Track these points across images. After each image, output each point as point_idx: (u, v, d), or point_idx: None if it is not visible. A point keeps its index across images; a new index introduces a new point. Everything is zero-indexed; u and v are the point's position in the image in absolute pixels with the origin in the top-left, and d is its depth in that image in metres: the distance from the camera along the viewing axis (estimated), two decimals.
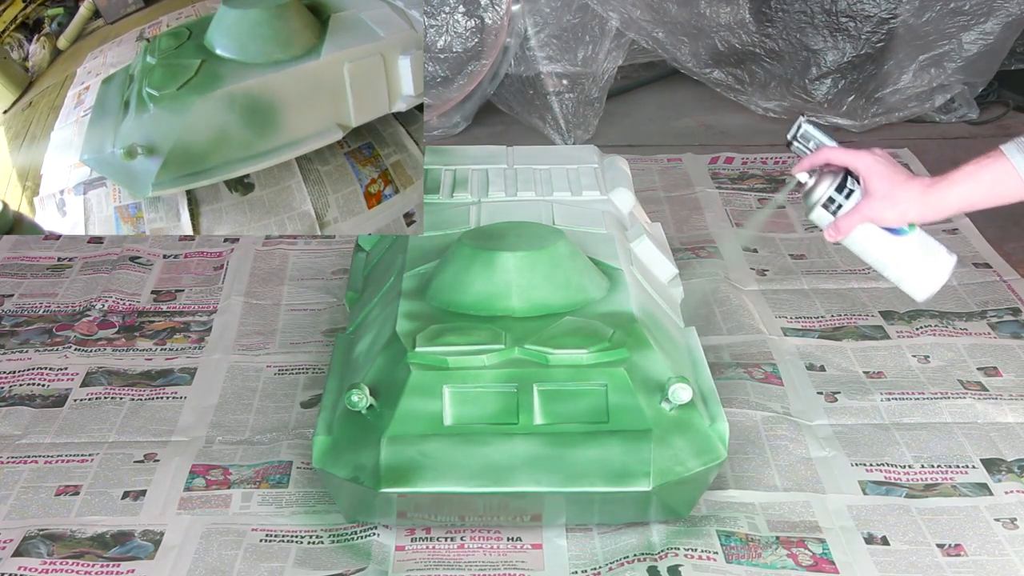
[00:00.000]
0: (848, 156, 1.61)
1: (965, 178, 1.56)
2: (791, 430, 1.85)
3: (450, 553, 1.61)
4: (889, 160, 1.60)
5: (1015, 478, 1.75)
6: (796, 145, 1.67)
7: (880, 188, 1.58)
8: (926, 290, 1.66)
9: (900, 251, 1.64)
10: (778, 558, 1.58)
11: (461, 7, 3.06)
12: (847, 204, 1.62)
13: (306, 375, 2.03)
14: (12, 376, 2.02)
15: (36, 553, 1.60)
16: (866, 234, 1.62)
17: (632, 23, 3.08)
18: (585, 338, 1.59)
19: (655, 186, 2.80)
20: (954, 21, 3.10)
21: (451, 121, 3.16)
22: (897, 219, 1.60)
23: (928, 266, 1.65)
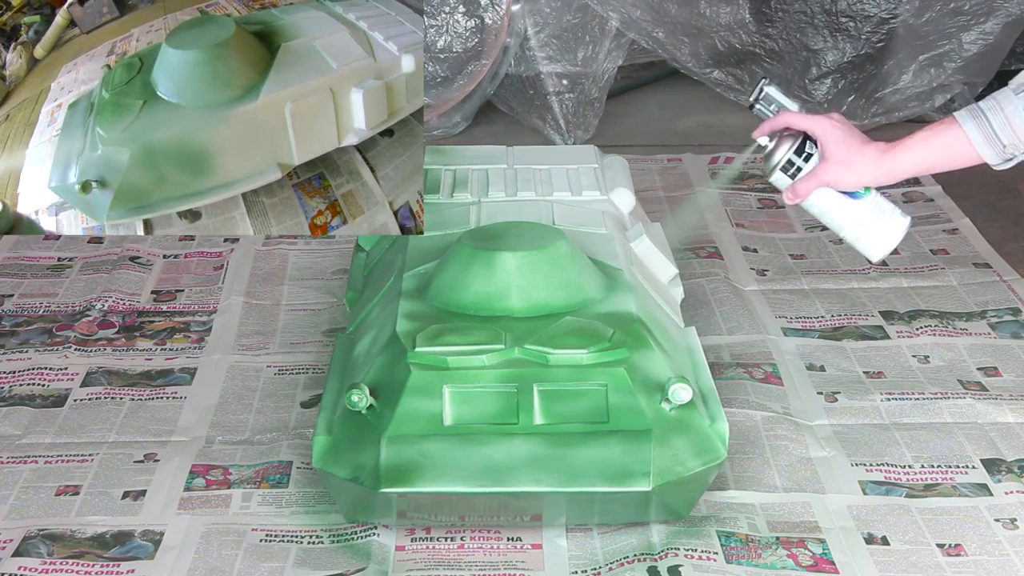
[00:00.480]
0: (806, 120, 1.65)
1: (919, 144, 1.60)
2: (791, 430, 1.85)
3: (450, 553, 1.61)
4: (846, 125, 1.64)
5: (1015, 478, 1.75)
6: (758, 108, 1.71)
7: (837, 152, 1.62)
8: (881, 250, 1.70)
9: (856, 213, 1.67)
10: (778, 558, 1.58)
11: (461, 7, 3.07)
12: (806, 167, 1.65)
13: (306, 375, 2.03)
14: (12, 376, 2.02)
15: (36, 553, 1.61)
16: (824, 197, 1.67)
17: (632, 23, 3.08)
18: (585, 338, 1.59)
19: (655, 186, 2.80)
20: (954, 21, 3.10)
21: (451, 121, 3.16)
22: (853, 183, 1.64)
23: (883, 228, 1.68)
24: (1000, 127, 1.55)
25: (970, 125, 1.57)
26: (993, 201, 2.65)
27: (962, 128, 1.57)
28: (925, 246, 2.46)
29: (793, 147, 1.66)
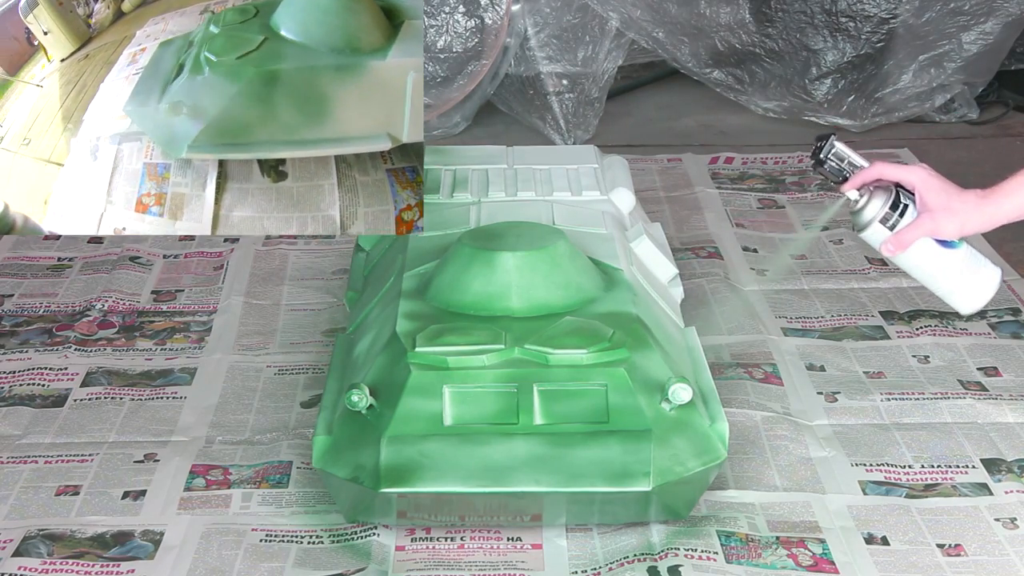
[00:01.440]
0: (901, 172, 1.63)
1: (1018, 188, 1.60)
2: (791, 430, 1.85)
3: (450, 553, 1.61)
4: (939, 175, 1.63)
5: (1015, 478, 1.75)
6: (829, 164, 1.67)
7: (938, 201, 1.61)
8: (975, 303, 1.70)
9: (952, 265, 1.66)
10: (778, 558, 1.58)
11: (461, 7, 3.07)
12: (903, 220, 1.63)
13: (306, 375, 2.03)
14: (12, 376, 2.02)
15: (36, 553, 1.60)
16: (921, 249, 1.65)
17: (632, 23, 3.08)
18: (585, 338, 1.59)
19: (655, 186, 2.80)
20: (954, 21, 3.10)
21: (451, 121, 3.16)
22: (956, 231, 1.63)
23: (977, 279, 1.68)
24: None
25: None
26: None
27: None
28: None
29: (890, 200, 1.64)
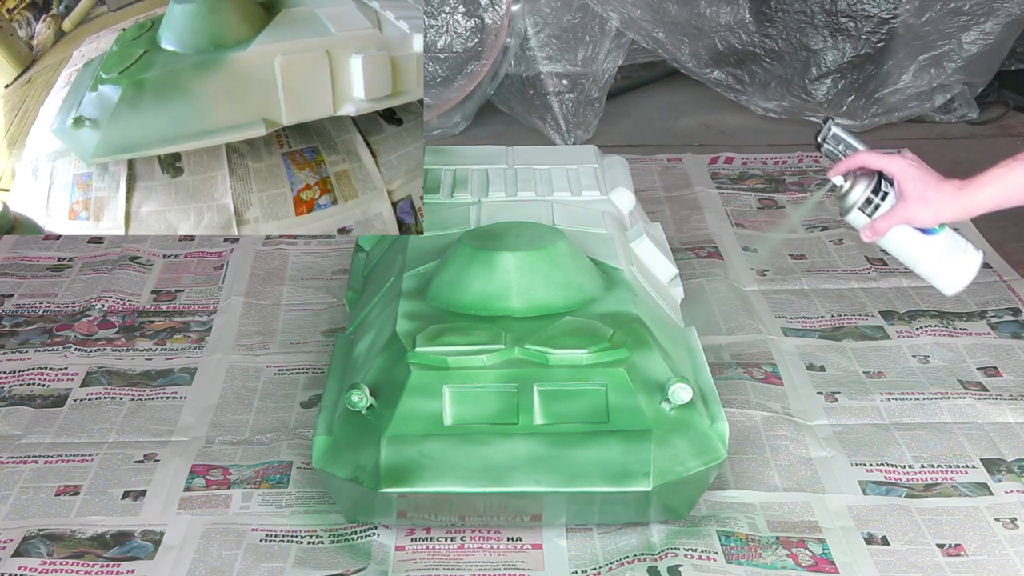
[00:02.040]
0: (882, 160, 1.66)
1: (995, 179, 1.62)
2: (791, 430, 1.85)
3: (450, 553, 1.61)
4: (921, 163, 1.66)
5: (1015, 478, 1.75)
6: (826, 147, 1.71)
7: (915, 190, 1.63)
8: (956, 285, 1.72)
9: (932, 249, 1.69)
10: (778, 558, 1.58)
11: (461, 7, 3.07)
12: (883, 206, 1.67)
13: (306, 375, 2.03)
14: (12, 376, 2.02)
15: (36, 553, 1.60)
16: (900, 234, 1.68)
17: (632, 23, 3.08)
18: (585, 338, 1.59)
19: (655, 186, 2.80)
20: (954, 21, 3.10)
21: (451, 121, 3.16)
22: (931, 219, 1.66)
23: (958, 263, 1.70)
24: None
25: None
26: None
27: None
28: None
29: (871, 186, 1.67)
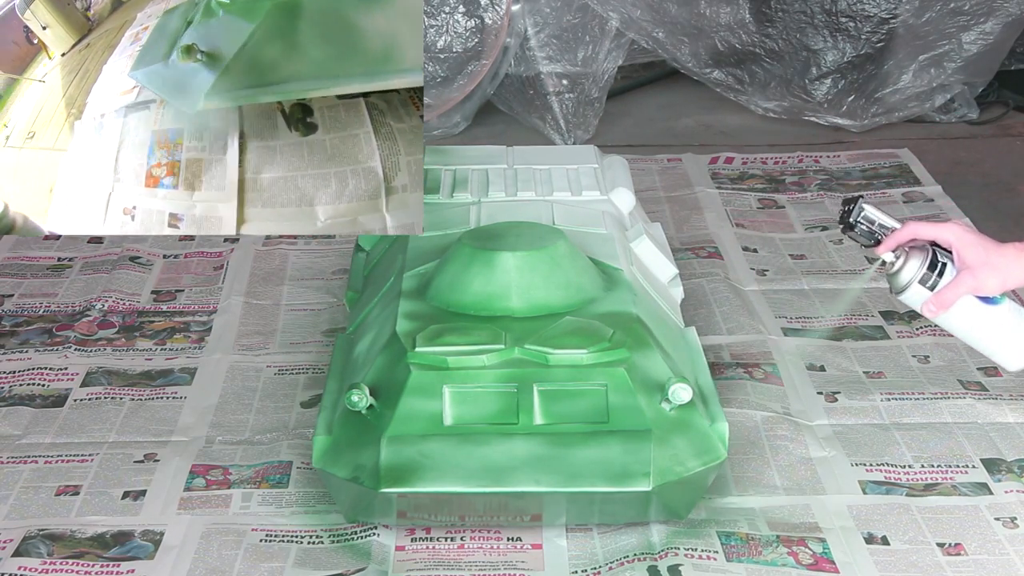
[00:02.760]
0: (936, 229, 1.62)
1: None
2: (791, 430, 1.85)
3: (450, 553, 1.61)
4: (974, 229, 1.63)
5: (1015, 478, 1.75)
6: (860, 228, 1.65)
7: (977, 257, 1.60)
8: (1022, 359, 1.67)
9: (996, 321, 1.65)
10: (778, 556, 1.58)
11: (461, 7, 3.06)
12: (943, 279, 1.62)
13: (306, 375, 2.03)
14: (12, 376, 2.02)
15: (36, 553, 1.60)
16: (964, 307, 1.63)
17: (632, 23, 3.08)
18: (585, 338, 1.59)
19: (655, 186, 2.80)
20: (954, 21, 3.10)
21: (451, 121, 3.16)
22: (999, 286, 1.61)
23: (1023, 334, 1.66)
24: None
25: None
26: (993, 201, 2.65)
27: None
28: None
29: (927, 260, 1.62)
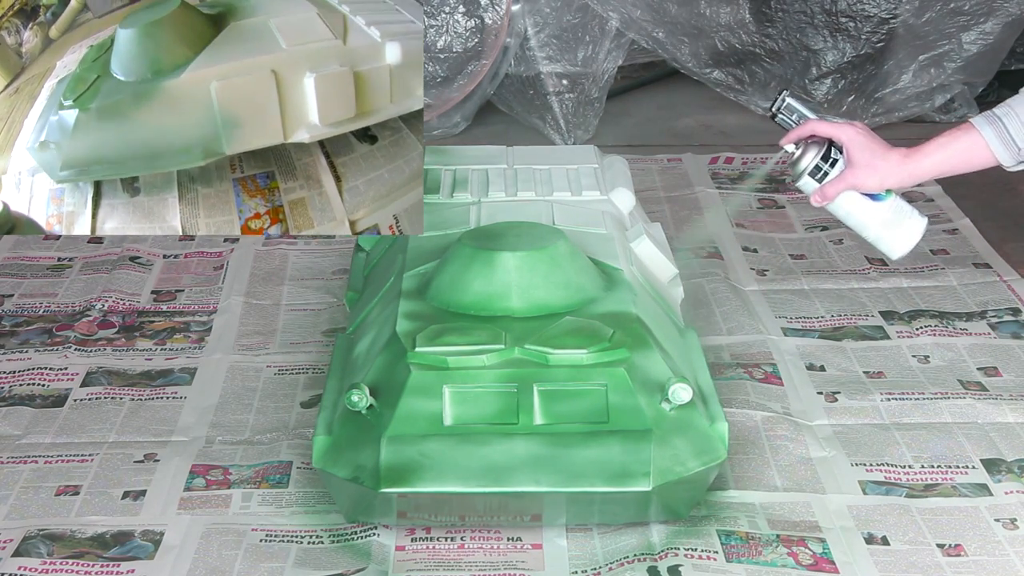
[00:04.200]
0: (832, 128, 1.74)
1: (939, 149, 1.71)
2: (791, 430, 1.85)
3: (450, 553, 1.61)
4: (869, 132, 1.73)
5: (1015, 478, 1.75)
6: (780, 117, 1.80)
7: (862, 158, 1.71)
8: (901, 249, 1.79)
9: (878, 215, 1.77)
10: (778, 556, 1.58)
11: (461, 7, 3.07)
12: (832, 172, 1.74)
13: (306, 375, 2.03)
14: (12, 376, 2.02)
15: (36, 553, 1.61)
16: (848, 199, 1.76)
17: (632, 23, 3.08)
18: (585, 338, 1.59)
19: (655, 186, 2.80)
20: (954, 21, 3.10)
21: (451, 121, 3.16)
22: (877, 185, 1.73)
23: (903, 228, 1.78)
24: (1016, 131, 1.66)
25: (987, 130, 1.67)
26: (993, 201, 2.65)
27: (980, 133, 1.68)
28: (925, 246, 2.46)
29: (820, 153, 1.74)
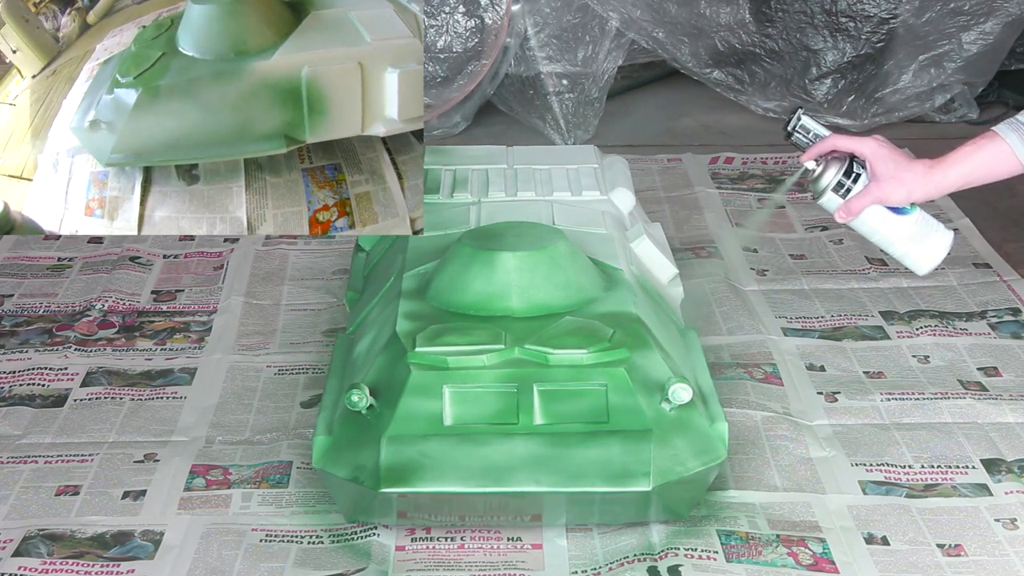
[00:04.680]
0: (853, 143, 1.71)
1: (964, 159, 1.69)
2: (791, 430, 1.85)
3: (450, 553, 1.61)
4: (891, 145, 1.71)
5: (1015, 478, 1.75)
6: (796, 136, 1.77)
7: (887, 170, 1.69)
8: (928, 264, 1.77)
9: (904, 229, 1.74)
10: (778, 556, 1.58)
11: (461, 7, 3.07)
12: (855, 188, 1.71)
13: (306, 375, 2.03)
14: (12, 376, 2.02)
15: (36, 553, 1.61)
16: (873, 214, 1.73)
17: (632, 23, 3.08)
18: (585, 338, 1.59)
19: (655, 186, 2.80)
20: (954, 21, 3.10)
21: (451, 121, 3.16)
22: (903, 198, 1.70)
23: (931, 242, 1.75)
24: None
25: (1012, 137, 1.67)
26: (993, 201, 2.65)
27: (1004, 140, 1.67)
28: None
29: (843, 169, 1.72)
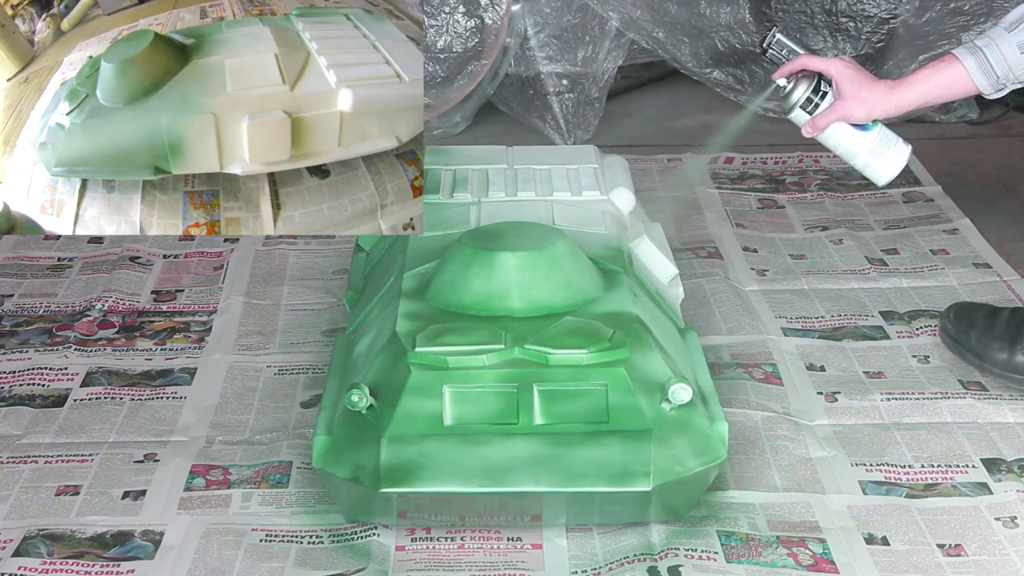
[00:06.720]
0: (822, 62, 1.85)
1: (923, 80, 1.83)
2: (791, 430, 1.85)
3: (450, 553, 1.61)
4: (856, 66, 1.85)
5: (1015, 478, 1.75)
6: (770, 52, 1.90)
7: (850, 89, 1.83)
8: (887, 175, 1.93)
9: (866, 144, 1.90)
10: (778, 556, 1.58)
11: (461, 7, 3.07)
12: (822, 104, 1.86)
13: (306, 375, 2.03)
14: (12, 376, 2.02)
15: (36, 553, 1.61)
16: (838, 130, 1.88)
17: (632, 23, 3.08)
18: (585, 338, 1.59)
19: (655, 186, 2.80)
20: (954, 21, 3.10)
21: (451, 121, 3.16)
22: (866, 116, 1.86)
23: (889, 155, 1.92)
24: (996, 61, 1.76)
25: (970, 60, 1.78)
26: (993, 201, 2.65)
27: (963, 63, 1.78)
28: (925, 246, 2.46)
29: (811, 87, 1.86)
